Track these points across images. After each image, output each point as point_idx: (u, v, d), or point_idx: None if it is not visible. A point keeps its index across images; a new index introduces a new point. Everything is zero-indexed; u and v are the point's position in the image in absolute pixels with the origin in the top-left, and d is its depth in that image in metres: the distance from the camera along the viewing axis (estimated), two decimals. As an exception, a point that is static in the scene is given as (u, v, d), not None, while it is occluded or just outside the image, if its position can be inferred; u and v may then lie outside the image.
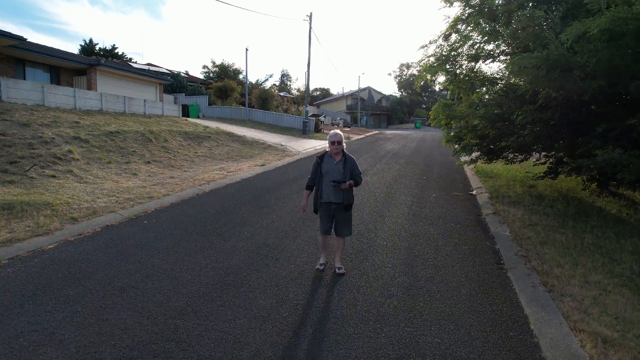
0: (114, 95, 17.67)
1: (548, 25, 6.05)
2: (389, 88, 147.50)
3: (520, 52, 6.31)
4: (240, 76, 42.51)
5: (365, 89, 60.82)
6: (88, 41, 38.23)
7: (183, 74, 36.72)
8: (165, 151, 12.97)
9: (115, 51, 39.77)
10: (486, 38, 8.23)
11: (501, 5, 7.82)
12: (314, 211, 4.59)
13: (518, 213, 7.06)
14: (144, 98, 20.56)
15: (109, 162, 10.33)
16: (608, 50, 4.40)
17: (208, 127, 18.63)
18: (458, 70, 9.41)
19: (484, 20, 8.11)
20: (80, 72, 20.67)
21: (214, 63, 45.19)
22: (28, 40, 17.11)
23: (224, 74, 42.76)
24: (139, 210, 6.91)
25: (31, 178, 8.02)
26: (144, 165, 10.91)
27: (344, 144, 4.57)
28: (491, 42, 8.43)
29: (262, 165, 12.65)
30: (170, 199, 7.81)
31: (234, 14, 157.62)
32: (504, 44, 8.32)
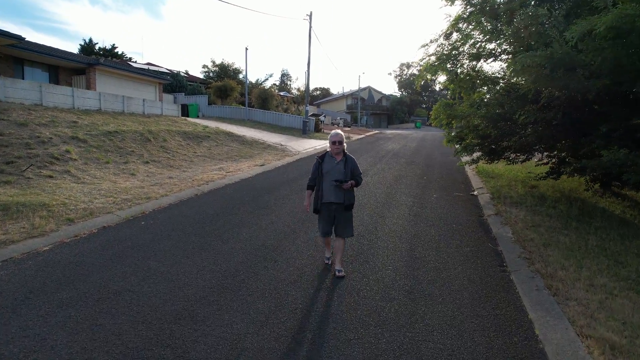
0: (112, 94, 17.58)
1: (551, 23, 5.96)
2: (389, 88, 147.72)
3: (522, 51, 6.21)
4: (240, 76, 42.43)
5: (365, 89, 60.73)
6: (88, 41, 38.22)
7: (183, 74, 36.64)
8: (164, 151, 12.88)
9: (115, 51, 39.72)
10: (488, 37, 8.13)
11: (503, 4, 7.72)
12: (314, 211, 4.52)
13: (520, 214, 6.97)
14: (144, 98, 20.46)
15: (107, 162, 10.24)
16: (614, 49, 4.31)
17: (207, 127, 18.53)
18: (459, 70, 9.32)
19: (485, 18, 8.01)
20: (79, 72, 20.59)
21: (214, 62, 45.13)
22: (27, 39, 17.04)
23: (224, 74, 42.67)
24: (136, 211, 6.83)
25: (28, 178, 7.94)
26: (142, 166, 10.82)
27: (345, 144, 4.53)
28: (493, 41, 8.33)
29: (262, 165, 12.56)
30: (169, 200, 7.73)
31: (234, 14, 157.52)
32: (505, 43, 8.23)
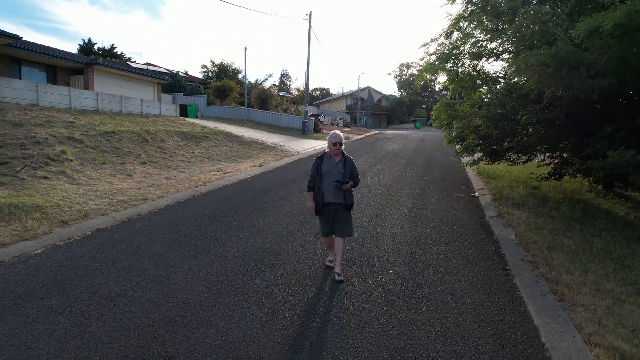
0: (110, 94, 17.45)
1: (554, 22, 5.85)
2: (389, 88, 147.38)
3: (524, 50, 6.10)
4: (240, 76, 42.30)
5: (365, 89, 60.61)
6: (87, 41, 38.07)
7: (182, 74, 36.50)
8: (162, 152, 12.75)
9: (114, 51, 39.57)
10: (489, 36, 8.03)
11: (505, 2, 7.59)
12: (316, 213, 4.45)
13: (523, 216, 6.85)
14: (142, 98, 20.34)
15: (104, 163, 10.12)
16: (620, 47, 4.20)
17: (206, 127, 18.41)
18: (460, 69, 9.21)
19: (487, 17, 7.91)
20: (78, 72, 20.46)
21: (213, 63, 45.03)
22: (25, 39, 16.92)
23: (223, 74, 42.55)
24: (132, 213, 6.71)
25: (22, 179, 7.81)
26: (139, 166, 10.70)
27: (343, 145, 4.53)
28: (494, 40, 8.22)
29: (261, 165, 12.44)
30: (165, 201, 7.61)
31: (234, 13, 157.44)
32: (507, 42, 8.11)
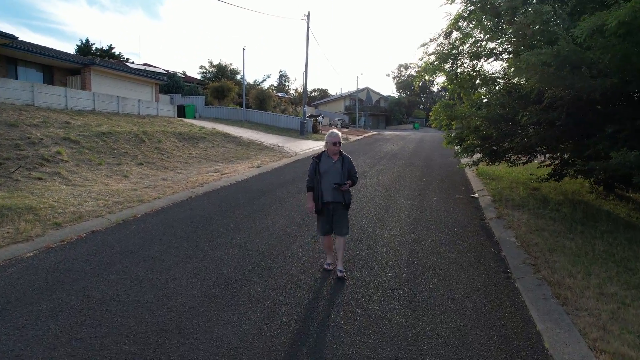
0: (107, 95, 17.32)
1: (555, 21, 5.78)
2: (387, 89, 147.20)
3: (525, 50, 6.03)
4: (238, 76, 42.19)
5: (363, 90, 60.59)
6: (84, 41, 37.94)
7: (180, 74, 36.36)
8: (159, 152, 12.64)
9: (112, 51, 39.44)
10: (489, 36, 7.97)
11: (504, 2, 7.53)
12: (316, 212, 4.45)
13: (523, 217, 6.77)
14: (140, 98, 20.21)
15: (100, 164, 10.01)
16: (624, 46, 4.13)
17: (204, 128, 18.29)
18: (459, 69, 9.15)
19: (486, 17, 7.84)
20: (75, 72, 20.34)
21: (212, 63, 44.93)
22: (22, 39, 16.80)
23: (222, 74, 42.44)
24: (127, 215, 6.61)
25: (16, 180, 7.70)
26: (136, 167, 10.59)
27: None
28: (494, 40, 8.16)
29: (258, 166, 12.35)
30: (161, 202, 7.51)
31: (232, 14, 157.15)
32: (507, 42, 8.05)
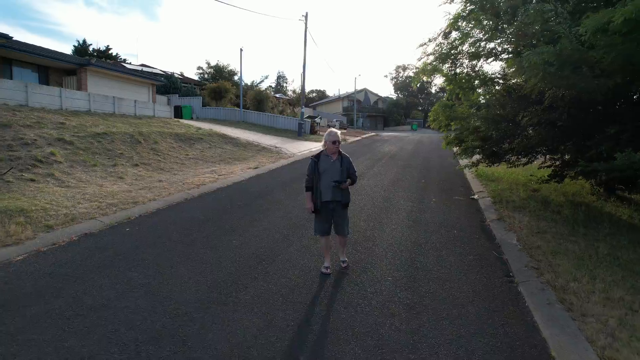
0: (102, 95, 17.17)
1: (556, 20, 5.69)
2: (385, 90, 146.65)
3: (525, 50, 5.94)
4: (236, 77, 42.09)
5: (361, 91, 60.57)
6: (81, 42, 37.76)
7: (177, 75, 36.20)
8: (155, 153, 12.49)
9: (109, 52, 39.28)
10: (488, 35, 7.87)
11: (504, 1, 7.44)
12: (314, 211, 4.45)
13: (524, 219, 6.68)
14: (137, 99, 20.07)
15: (94, 165, 9.86)
16: (629, 45, 4.03)
17: (201, 129, 18.16)
18: (459, 70, 9.05)
19: (486, 16, 7.74)
20: (71, 73, 20.18)
21: (209, 64, 44.79)
22: (17, 39, 16.63)
23: (219, 75, 42.30)
24: (121, 217, 6.47)
25: (7, 182, 7.55)
26: (131, 168, 10.45)
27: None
28: (493, 40, 8.06)
29: (256, 168, 12.22)
30: (157, 204, 7.37)
31: (230, 14, 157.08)
32: (506, 42, 7.96)
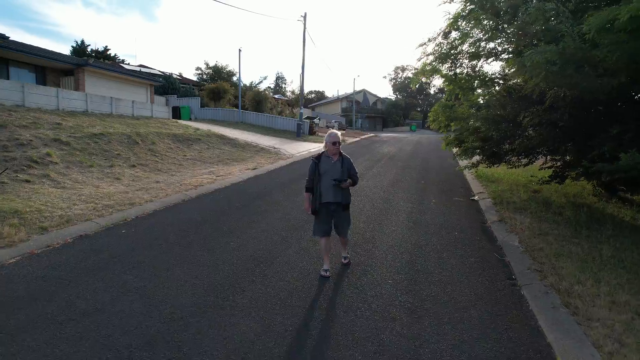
0: (100, 95, 17.06)
1: (558, 19, 5.62)
2: (384, 91, 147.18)
3: (526, 49, 5.87)
4: (234, 78, 42.05)
5: (360, 92, 60.54)
6: (79, 42, 37.68)
7: (176, 76, 36.10)
8: (152, 154, 12.39)
9: (108, 52, 39.23)
10: (488, 35, 7.80)
11: (505, 1, 7.38)
12: (313, 212, 4.43)
13: (525, 221, 6.60)
14: (135, 99, 19.95)
15: (91, 166, 9.75)
16: (634, 42, 3.96)
17: (199, 130, 18.06)
18: (459, 70, 8.99)
19: (486, 16, 7.67)
20: (68, 73, 20.05)
21: (208, 65, 44.75)
22: (14, 39, 16.51)
23: (218, 76, 42.25)
24: (117, 218, 6.37)
25: (2, 183, 7.43)
26: (128, 169, 10.35)
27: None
28: (493, 40, 8.00)
29: (254, 169, 12.13)
30: (153, 206, 7.27)
31: (228, 15, 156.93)
32: (507, 42, 7.90)
